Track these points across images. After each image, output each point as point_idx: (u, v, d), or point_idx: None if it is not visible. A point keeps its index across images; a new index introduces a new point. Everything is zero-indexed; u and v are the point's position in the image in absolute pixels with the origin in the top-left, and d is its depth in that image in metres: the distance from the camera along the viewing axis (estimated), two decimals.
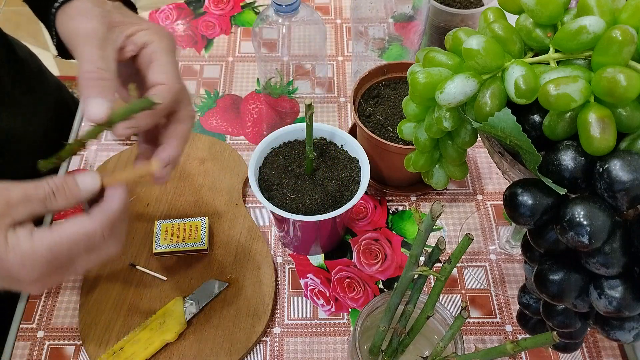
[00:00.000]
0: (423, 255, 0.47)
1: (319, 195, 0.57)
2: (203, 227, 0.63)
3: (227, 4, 0.92)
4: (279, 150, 0.62)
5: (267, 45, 0.72)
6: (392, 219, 0.67)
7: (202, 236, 0.62)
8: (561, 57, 0.36)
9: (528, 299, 0.43)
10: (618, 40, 0.31)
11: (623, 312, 0.34)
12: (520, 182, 0.35)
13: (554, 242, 0.35)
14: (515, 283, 0.62)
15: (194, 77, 0.82)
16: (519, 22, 0.37)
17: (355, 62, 0.76)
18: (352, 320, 0.60)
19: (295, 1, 0.66)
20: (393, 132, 0.63)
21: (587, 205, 0.32)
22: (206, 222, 0.63)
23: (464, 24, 0.73)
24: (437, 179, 0.46)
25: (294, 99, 0.77)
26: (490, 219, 0.67)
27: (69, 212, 0.67)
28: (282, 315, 0.60)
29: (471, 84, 0.37)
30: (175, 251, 0.61)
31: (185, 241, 0.61)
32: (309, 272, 0.63)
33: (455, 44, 0.40)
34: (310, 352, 0.57)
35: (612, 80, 0.31)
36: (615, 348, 0.57)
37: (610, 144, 0.32)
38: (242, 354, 0.56)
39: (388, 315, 0.44)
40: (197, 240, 0.62)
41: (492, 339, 0.58)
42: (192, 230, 0.62)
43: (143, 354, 0.54)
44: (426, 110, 0.42)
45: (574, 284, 0.35)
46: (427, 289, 0.60)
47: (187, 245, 0.61)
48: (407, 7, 0.69)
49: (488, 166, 0.71)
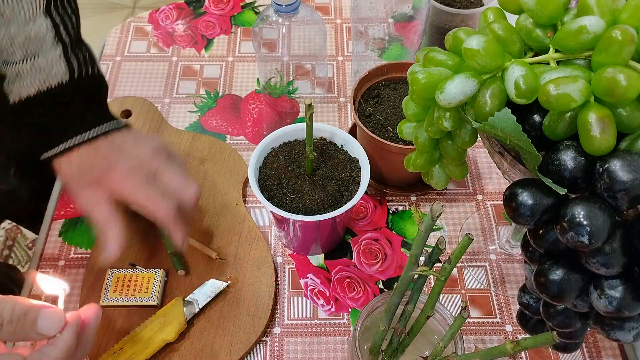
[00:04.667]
0: (423, 255, 0.47)
1: (319, 195, 0.57)
2: (156, 280, 0.59)
3: (227, 4, 0.92)
4: (279, 150, 0.62)
5: (267, 45, 0.72)
6: (392, 219, 0.67)
7: (154, 290, 0.58)
8: (561, 57, 0.36)
9: (528, 299, 0.43)
10: (618, 40, 0.31)
11: (623, 312, 0.33)
12: (520, 182, 0.35)
13: (554, 242, 0.35)
14: (515, 283, 0.62)
15: (194, 77, 0.82)
16: (519, 22, 0.37)
17: (355, 62, 0.76)
18: (352, 320, 0.60)
19: (295, 1, 0.66)
20: (393, 132, 0.63)
21: (587, 205, 0.32)
22: (160, 275, 0.59)
23: (464, 24, 0.73)
24: (437, 179, 0.46)
25: (294, 99, 0.77)
26: (490, 219, 0.67)
27: None
28: (282, 315, 0.60)
29: (471, 84, 0.37)
30: (123, 305, 0.58)
31: (134, 295, 0.58)
32: (309, 272, 0.63)
33: (455, 44, 0.40)
34: (310, 352, 0.57)
35: (612, 80, 0.31)
36: (615, 348, 0.57)
37: (610, 144, 0.32)
38: (242, 354, 0.56)
39: (388, 315, 0.44)
40: (147, 295, 0.58)
41: (492, 339, 0.58)
42: (143, 283, 0.59)
43: (143, 354, 0.54)
44: (426, 110, 0.42)
45: (574, 284, 0.35)
46: (427, 289, 0.60)
47: (137, 300, 0.58)
48: (407, 7, 0.69)
49: (488, 166, 0.71)
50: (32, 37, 0.51)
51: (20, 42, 0.51)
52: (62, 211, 0.68)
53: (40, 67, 0.52)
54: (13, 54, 0.52)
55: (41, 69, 0.52)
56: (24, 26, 0.51)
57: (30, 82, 0.52)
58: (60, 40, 0.53)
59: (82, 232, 0.66)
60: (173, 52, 0.85)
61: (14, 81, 0.52)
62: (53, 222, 0.67)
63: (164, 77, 0.82)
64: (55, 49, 0.53)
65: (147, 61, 0.84)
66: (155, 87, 0.81)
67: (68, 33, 0.54)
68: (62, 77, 0.53)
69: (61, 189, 0.70)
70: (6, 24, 0.51)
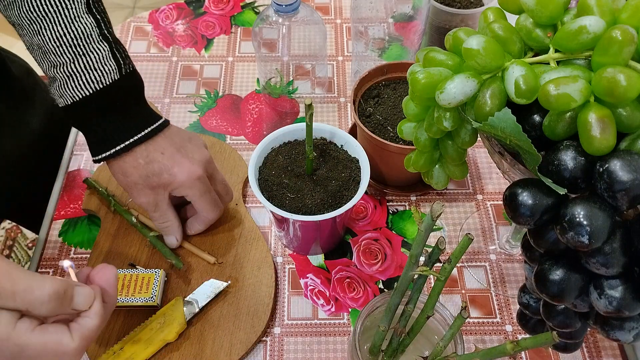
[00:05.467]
0: (423, 255, 0.47)
1: (319, 195, 0.57)
2: (156, 280, 0.58)
3: (227, 4, 0.92)
4: (279, 150, 0.62)
5: (267, 45, 0.72)
6: (392, 219, 0.67)
7: (154, 290, 0.58)
8: (561, 57, 0.36)
9: (528, 299, 0.43)
10: (618, 40, 0.31)
11: (623, 312, 0.34)
12: (520, 182, 0.35)
13: (554, 242, 0.35)
14: (515, 283, 0.62)
15: (194, 77, 0.82)
16: (519, 22, 0.37)
17: (355, 62, 0.76)
18: (352, 320, 0.60)
19: (295, 1, 0.66)
20: (393, 132, 0.63)
21: (587, 205, 0.32)
22: (160, 275, 0.59)
23: (464, 24, 0.73)
24: (437, 179, 0.46)
25: (294, 99, 0.77)
26: (490, 219, 0.67)
27: None
28: (282, 315, 0.60)
29: (471, 84, 0.37)
30: (123, 305, 0.57)
31: (134, 295, 0.57)
32: (309, 272, 0.63)
33: (455, 44, 0.40)
34: (310, 352, 0.57)
35: (612, 80, 0.31)
36: (615, 348, 0.57)
37: (610, 144, 0.32)
38: (242, 354, 0.56)
39: (388, 315, 0.44)
40: (147, 295, 0.57)
41: (492, 339, 0.58)
42: (143, 283, 0.58)
43: (143, 354, 0.54)
44: (426, 110, 0.42)
45: (574, 284, 0.35)
46: (427, 289, 0.60)
47: (137, 300, 0.57)
48: (407, 7, 0.69)
49: (488, 166, 0.71)
50: (79, 36, 0.51)
51: (68, 41, 0.51)
52: (62, 211, 0.68)
53: (92, 66, 0.52)
54: (62, 55, 0.52)
55: (94, 68, 0.52)
56: (70, 25, 0.51)
57: (83, 81, 0.52)
58: (104, 37, 0.53)
59: (82, 232, 0.66)
60: (173, 52, 0.85)
61: (66, 83, 0.52)
62: (53, 222, 0.67)
63: (164, 77, 0.82)
64: (103, 46, 0.53)
65: (147, 61, 0.84)
66: (155, 87, 0.81)
67: (109, 30, 0.54)
68: (113, 74, 0.53)
69: (61, 189, 0.70)
70: (51, 25, 0.51)
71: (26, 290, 0.36)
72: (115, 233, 0.64)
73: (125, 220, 0.65)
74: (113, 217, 0.65)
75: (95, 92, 0.52)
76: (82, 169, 0.72)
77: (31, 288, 0.36)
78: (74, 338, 0.38)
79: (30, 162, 0.75)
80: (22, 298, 0.36)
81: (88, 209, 0.67)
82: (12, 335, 0.36)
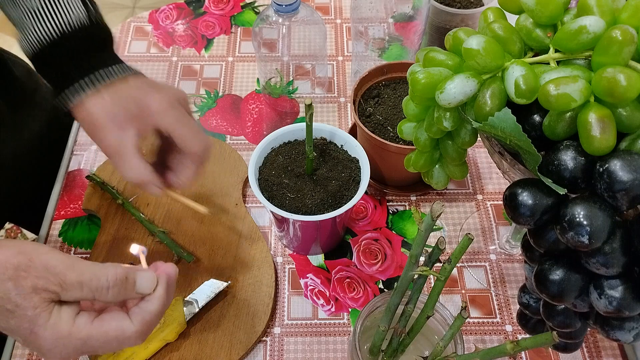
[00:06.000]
0: (423, 255, 0.47)
1: (319, 195, 0.57)
2: None
3: (227, 4, 0.92)
4: (279, 150, 0.62)
5: (267, 45, 0.72)
6: (392, 219, 0.67)
7: None
8: (561, 57, 0.36)
9: (528, 299, 0.43)
10: (618, 40, 0.31)
11: (623, 312, 0.34)
12: (520, 182, 0.35)
13: (554, 242, 0.35)
14: (515, 283, 0.62)
15: (194, 77, 0.82)
16: (519, 22, 0.37)
17: (355, 62, 0.76)
18: (352, 320, 0.60)
19: (295, 1, 0.66)
20: (393, 132, 0.63)
21: (587, 205, 0.32)
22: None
23: (464, 24, 0.73)
24: (437, 179, 0.46)
25: (294, 99, 0.77)
26: (490, 219, 0.67)
27: None
28: (282, 315, 0.60)
29: (471, 84, 0.37)
30: None
31: None
32: (309, 272, 0.63)
33: (455, 44, 0.40)
34: (310, 352, 0.57)
35: (612, 80, 0.31)
36: (615, 348, 0.57)
37: (610, 144, 0.32)
38: (242, 354, 0.56)
39: (388, 315, 0.44)
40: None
41: (492, 339, 0.58)
42: None
43: (143, 353, 0.54)
44: (426, 110, 0.42)
45: (574, 284, 0.35)
46: (427, 289, 0.60)
47: None
48: (407, 7, 0.69)
49: (488, 166, 0.71)
50: None
51: None
52: (62, 211, 0.68)
53: (60, 5, 0.50)
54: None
55: (61, 8, 0.50)
56: None
57: (50, 21, 0.50)
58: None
59: (82, 232, 0.66)
60: (173, 52, 0.85)
61: (31, 20, 0.50)
62: (53, 222, 0.67)
63: (164, 77, 0.82)
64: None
65: (147, 61, 0.84)
66: None
67: None
68: (83, 19, 0.51)
69: (61, 189, 0.70)
70: None
71: (92, 279, 0.38)
72: (115, 233, 0.64)
73: (125, 220, 0.65)
74: (113, 217, 0.65)
75: (64, 34, 0.50)
76: (82, 169, 0.72)
77: (96, 277, 0.38)
78: (134, 322, 0.39)
79: (31, 162, 0.75)
80: (89, 287, 0.38)
81: (88, 208, 0.67)
82: (74, 331, 0.38)
